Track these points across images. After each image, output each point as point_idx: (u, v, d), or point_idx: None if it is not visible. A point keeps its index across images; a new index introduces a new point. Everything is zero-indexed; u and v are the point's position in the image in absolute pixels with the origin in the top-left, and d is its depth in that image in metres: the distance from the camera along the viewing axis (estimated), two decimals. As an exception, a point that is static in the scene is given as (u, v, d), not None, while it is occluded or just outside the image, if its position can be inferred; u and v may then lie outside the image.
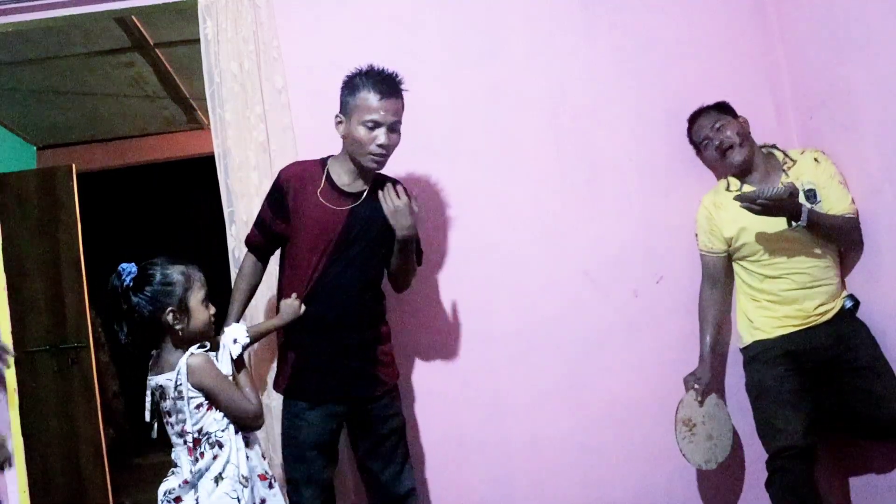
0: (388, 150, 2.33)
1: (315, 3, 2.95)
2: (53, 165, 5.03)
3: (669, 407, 2.65)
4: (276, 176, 2.45)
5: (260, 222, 2.45)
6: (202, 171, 4.30)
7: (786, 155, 2.64)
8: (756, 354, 2.59)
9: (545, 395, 2.83)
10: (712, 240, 2.67)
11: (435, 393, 2.83)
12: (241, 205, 2.73)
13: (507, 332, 2.84)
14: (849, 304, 2.54)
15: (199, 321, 2.06)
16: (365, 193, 2.38)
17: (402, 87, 2.36)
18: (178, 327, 2.03)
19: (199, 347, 2.04)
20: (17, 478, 2.75)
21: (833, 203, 2.51)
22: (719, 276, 2.71)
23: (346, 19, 2.94)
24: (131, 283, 2.03)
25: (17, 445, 2.77)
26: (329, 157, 2.45)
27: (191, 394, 2.00)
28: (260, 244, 2.48)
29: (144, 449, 5.92)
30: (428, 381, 2.84)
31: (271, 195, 2.42)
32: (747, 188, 2.58)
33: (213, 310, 2.11)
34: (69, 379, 4.43)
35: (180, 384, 1.99)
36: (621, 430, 2.82)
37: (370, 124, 2.29)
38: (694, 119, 2.74)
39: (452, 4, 2.95)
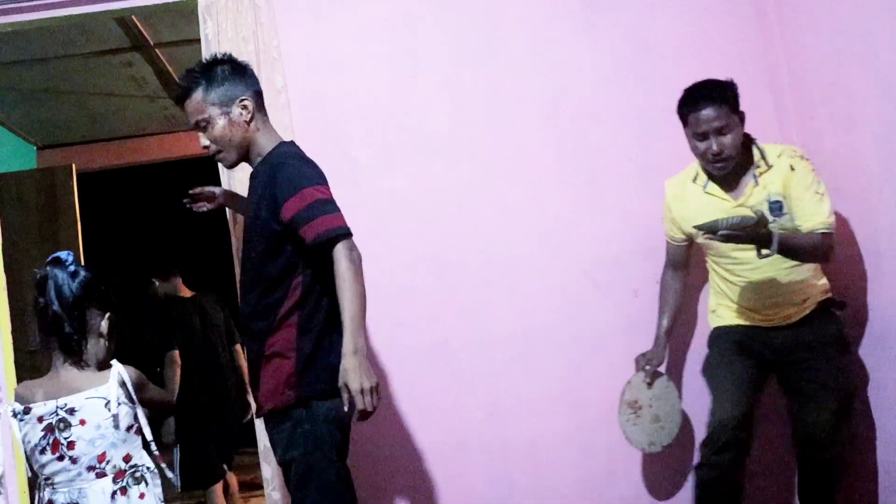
0: (209, 149, 2.21)
1: (315, 3, 2.95)
2: (53, 165, 5.03)
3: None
4: None
5: None
6: (202, 171, 4.30)
7: (763, 156, 2.45)
8: (713, 339, 2.58)
9: (545, 396, 2.83)
10: (673, 228, 2.64)
11: (435, 393, 2.83)
12: (242, 205, 2.73)
13: (506, 332, 2.84)
14: (822, 306, 2.46)
15: (113, 345, 1.98)
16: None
17: (188, 83, 2.18)
18: (108, 338, 1.94)
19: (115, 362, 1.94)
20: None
21: (806, 216, 2.35)
22: (680, 261, 2.69)
23: (346, 19, 2.94)
24: (72, 273, 1.93)
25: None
26: None
27: (128, 410, 1.89)
28: None
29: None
30: (428, 382, 2.84)
31: None
32: (713, 188, 2.48)
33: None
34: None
35: (120, 400, 1.86)
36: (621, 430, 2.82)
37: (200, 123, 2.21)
38: (701, 102, 2.41)
39: (452, 4, 2.95)
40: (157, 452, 1.98)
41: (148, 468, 1.93)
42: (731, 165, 2.43)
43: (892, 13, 2.24)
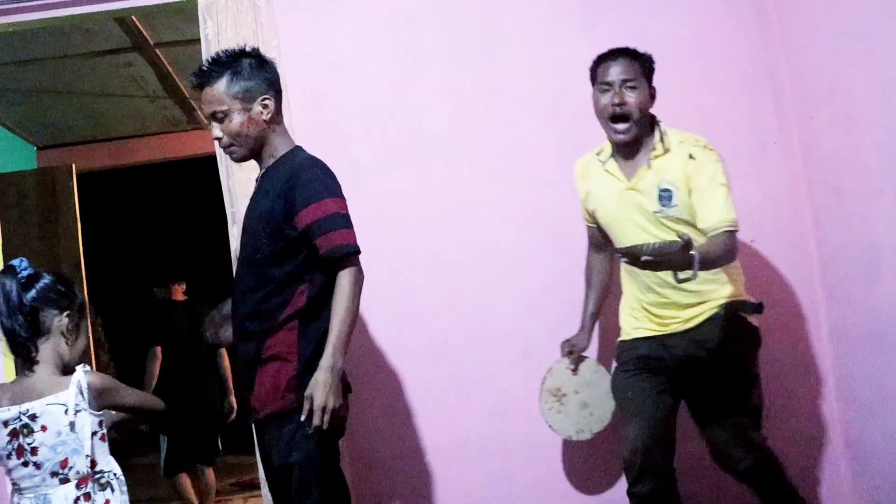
0: (221, 142, 2.17)
1: (315, 3, 2.95)
2: (53, 165, 5.03)
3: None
4: None
5: None
6: (202, 171, 4.31)
7: (662, 139, 2.31)
8: (617, 356, 2.46)
9: (545, 395, 2.83)
10: (583, 208, 2.53)
11: (435, 393, 2.83)
12: (243, 205, 2.72)
13: (507, 332, 2.84)
14: (724, 310, 2.27)
15: (83, 343, 1.95)
16: (258, 181, 2.25)
17: (212, 71, 2.13)
18: (68, 338, 1.91)
19: (84, 368, 1.91)
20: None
21: (708, 214, 2.19)
22: (600, 243, 2.56)
23: (346, 19, 2.94)
24: (25, 279, 1.89)
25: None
26: None
27: (90, 417, 1.85)
28: None
29: (144, 449, 5.92)
30: (428, 381, 2.84)
31: None
32: (612, 166, 2.36)
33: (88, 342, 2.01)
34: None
35: (79, 407, 1.84)
36: (620, 430, 2.82)
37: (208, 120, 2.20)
38: (613, 57, 2.34)
39: (452, 4, 2.95)
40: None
41: (115, 475, 1.91)
42: (632, 131, 2.29)
43: (892, 13, 2.24)
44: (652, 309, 2.36)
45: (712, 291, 2.30)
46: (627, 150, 2.36)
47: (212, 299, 4.31)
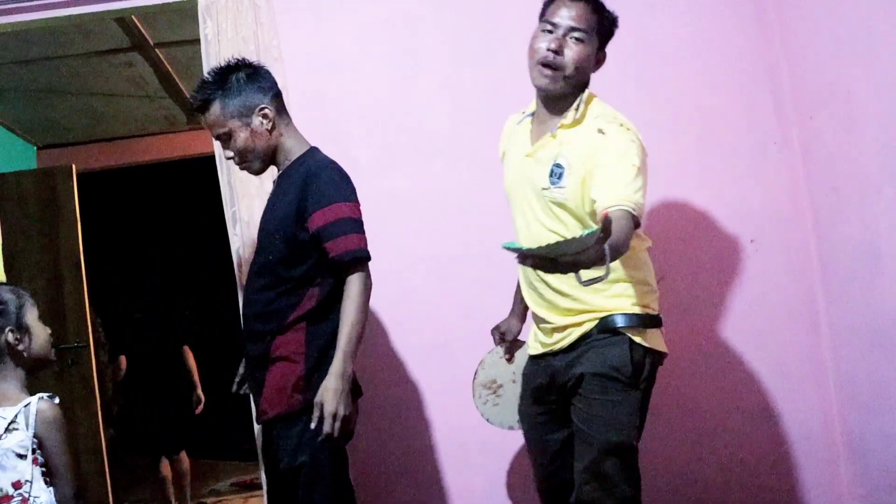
0: (234, 160, 2.19)
1: (315, 3, 2.95)
2: (53, 165, 5.04)
3: (669, 406, 2.65)
4: None
5: None
6: (202, 171, 4.31)
7: (578, 107, 1.96)
8: (523, 374, 2.22)
9: (545, 395, 2.83)
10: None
11: (435, 393, 2.83)
12: (243, 205, 2.73)
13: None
14: (605, 324, 1.91)
15: (41, 338, 1.95)
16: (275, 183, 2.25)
17: (204, 96, 2.16)
18: (20, 348, 1.91)
19: (49, 397, 1.91)
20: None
21: (605, 188, 1.79)
22: None
23: (346, 19, 2.94)
24: None
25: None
26: None
27: (23, 438, 1.84)
28: None
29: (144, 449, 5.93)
30: (428, 381, 2.84)
31: None
32: (526, 125, 2.07)
33: (49, 329, 1.99)
34: (69, 379, 4.43)
35: (15, 425, 1.84)
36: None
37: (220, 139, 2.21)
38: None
39: (452, 4, 2.95)
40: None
41: (37, 499, 1.86)
42: (558, 83, 1.95)
43: (892, 13, 2.24)
44: (535, 309, 2.06)
45: (582, 304, 1.95)
46: (548, 110, 2.02)
47: (214, 293, 4.73)
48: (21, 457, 1.85)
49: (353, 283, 2.03)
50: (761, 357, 2.81)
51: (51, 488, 1.88)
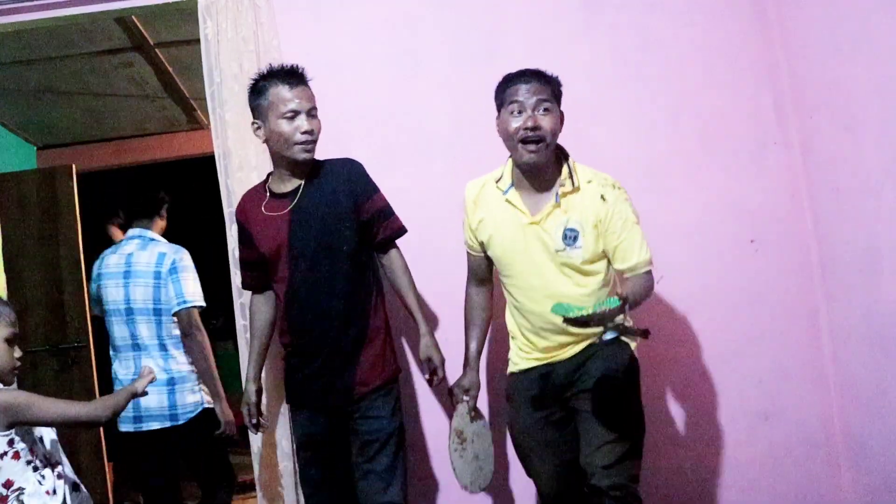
0: (312, 135, 2.32)
1: (315, 3, 2.95)
2: (53, 165, 5.03)
3: (670, 406, 2.65)
4: None
5: (241, 261, 2.51)
6: (202, 171, 4.30)
7: (571, 175, 2.21)
8: (509, 395, 2.40)
9: (545, 395, 2.83)
10: (471, 237, 2.38)
11: (435, 393, 2.83)
12: (241, 205, 2.73)
13: (506, 332, 2.83)
14: (608, 337, 1.97)
15: (3, 358, 1.93)
16: (300, 188, 2.35)
17: (308, 77, 2.39)
18: None
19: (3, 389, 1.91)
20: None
21: (626, 257, 2.16)
22: (484, 275, 2.44)
23: (346, 19, 2.94)
24: None
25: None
26: (269, 173, 2.47)
27: None
28: (250, 280, 2.49)
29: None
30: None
31: (238, 232, 2.48)
32: (514, 196, 2.25)
33: (18, 353, 1.96)
34: (69, 379, 4.43)
35: None
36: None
37: (290, 115, 2.30)
38: (524, 78, 2.22)
39: (452, 4, 2.95)
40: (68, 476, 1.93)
41: (23, 491, 1.87)
42: (543, 153, 2.17)
43: (892, 13, 2.24)
44: (539, 342, 2.29)
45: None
46: (533, 180, 2.24)
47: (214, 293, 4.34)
48: (2, 455, 1.85)
49: (399, 255, 2.45)
50: (761, 357, 2.81)
51: (44, 471, 1.89)
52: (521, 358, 2.35)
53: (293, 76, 2.33)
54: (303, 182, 2.35)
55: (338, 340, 2.31)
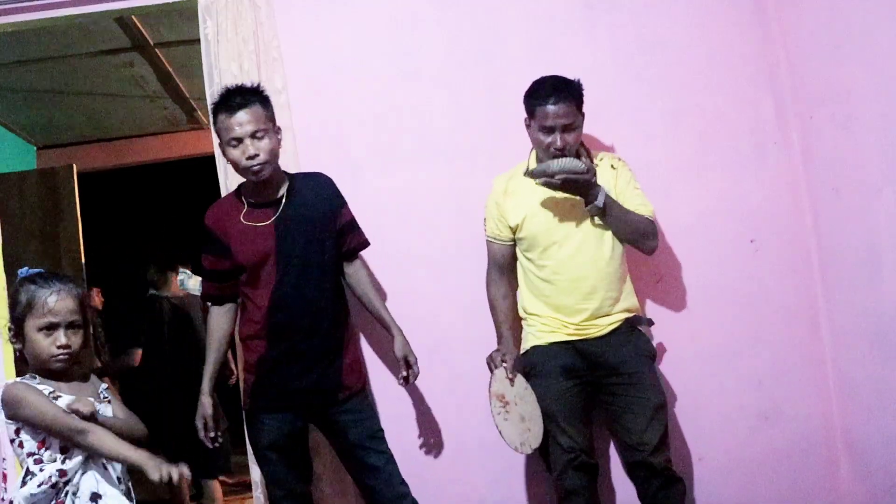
0: (258, 158, 2.31)
1: (315, 3, 2.95)
2: (53, 165, 5.03)
3: (670, 405, 2.64)
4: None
5: (206, 272, 2.50)
6: (202, 171, 4.30)
7: (589, 154, 2.57)
8: (534, 364, 2.52)
9: (545, 395, 2.83)
10: (500, 227, 2.59)
11: (435, 393, 2.83)
12: (242, 205, 2.73)
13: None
14: (631, 323, 2.52)
15: (33, 349, 1.94)
16: (283, 198, 2.40)
17: (247, 96, 2.34)
18: (15, 345, 1.96)
19: (31, 377, 1.94)
20: (16, 478, 2.74)
21: (633, 206, 2.49)
22: (506, 264, 2.63)
23: (346, 19, 2.94)
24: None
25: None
26: (240, 184, 2.49)
27: (6, 426, 1.91)
28: (216, 291, 2.49)
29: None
30: (428, 381, 2.83)
31: (205, 241, 2.47)
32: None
33: (62, 340, 1.93)
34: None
35: None
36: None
37: (233, 143, 2.33)
38: (553, 96, 2.42)
39: (452, 4, 2.95)
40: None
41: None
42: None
43: (892, 13, 2.24)
44: (565, 317, 2.49)
45: (622, 284, 2.51)
46: None
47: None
48: (11, 441, 1.93)
49: (364, 264, 2.57)
50: (761, 357, 2.81)
51: (39, 458, 1.92)
52: (545, 333, 2.52)
53: (231, 103, 2.33)
54: (284, 191, 2.41)
55: (325, 342, 2.38)
